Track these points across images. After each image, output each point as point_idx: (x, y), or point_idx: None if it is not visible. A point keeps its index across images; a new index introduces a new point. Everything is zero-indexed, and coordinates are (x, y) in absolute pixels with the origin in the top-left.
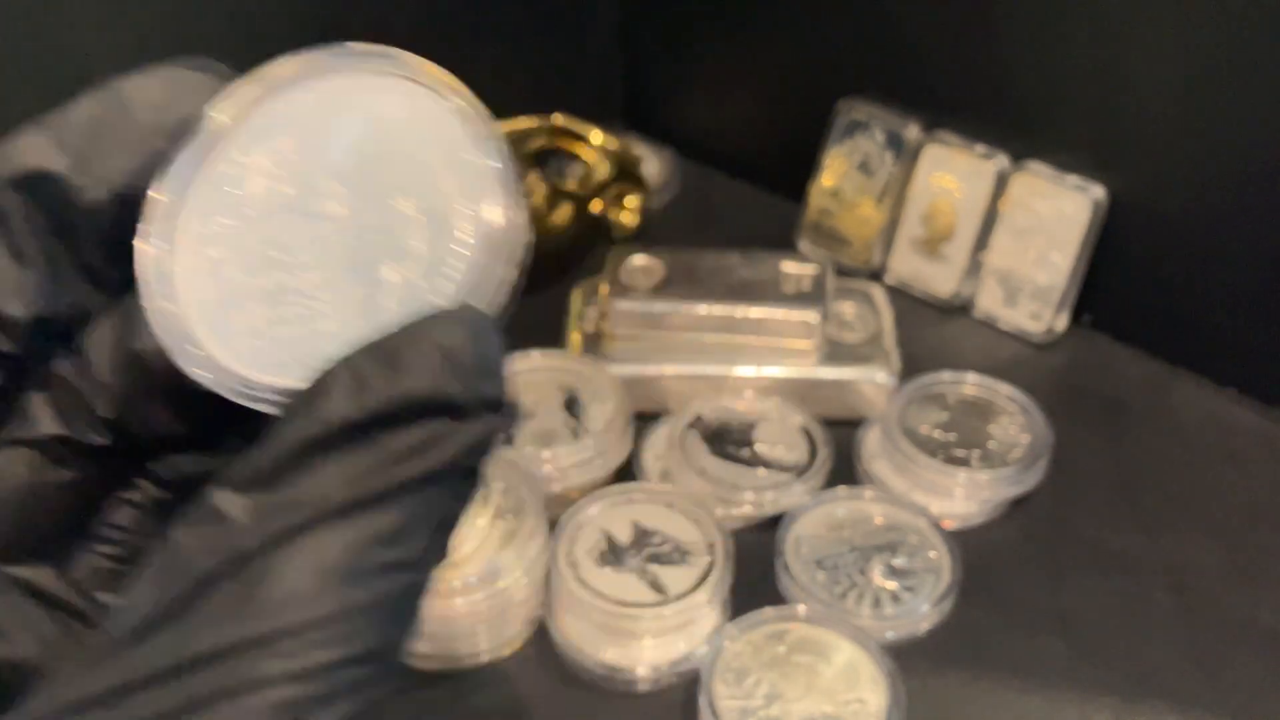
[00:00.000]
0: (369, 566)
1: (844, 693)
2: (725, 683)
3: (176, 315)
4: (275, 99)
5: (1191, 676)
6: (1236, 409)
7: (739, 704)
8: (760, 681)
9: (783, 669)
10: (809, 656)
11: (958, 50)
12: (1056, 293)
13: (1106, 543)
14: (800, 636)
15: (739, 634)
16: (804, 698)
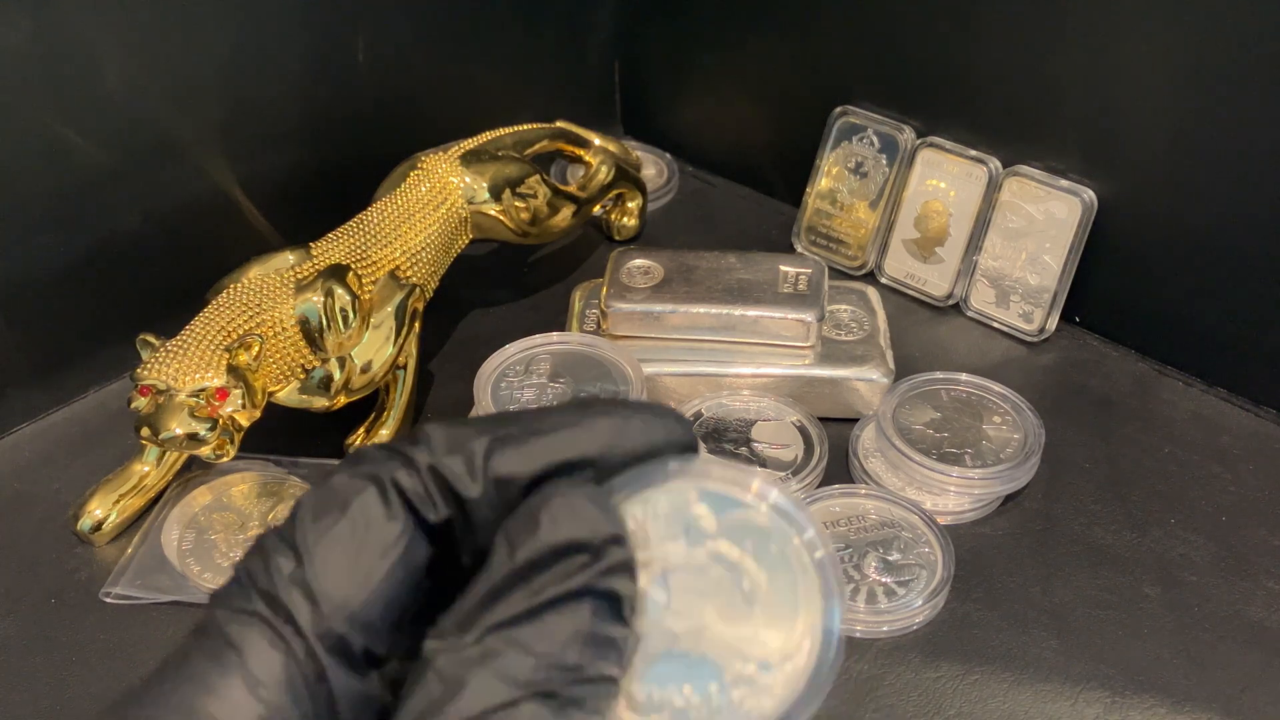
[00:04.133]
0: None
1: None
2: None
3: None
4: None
5: (1181, 670)
6: (1224, 407)
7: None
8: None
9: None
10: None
11: (951, 57)
12: (1047, 293)
13: (1097, 539)
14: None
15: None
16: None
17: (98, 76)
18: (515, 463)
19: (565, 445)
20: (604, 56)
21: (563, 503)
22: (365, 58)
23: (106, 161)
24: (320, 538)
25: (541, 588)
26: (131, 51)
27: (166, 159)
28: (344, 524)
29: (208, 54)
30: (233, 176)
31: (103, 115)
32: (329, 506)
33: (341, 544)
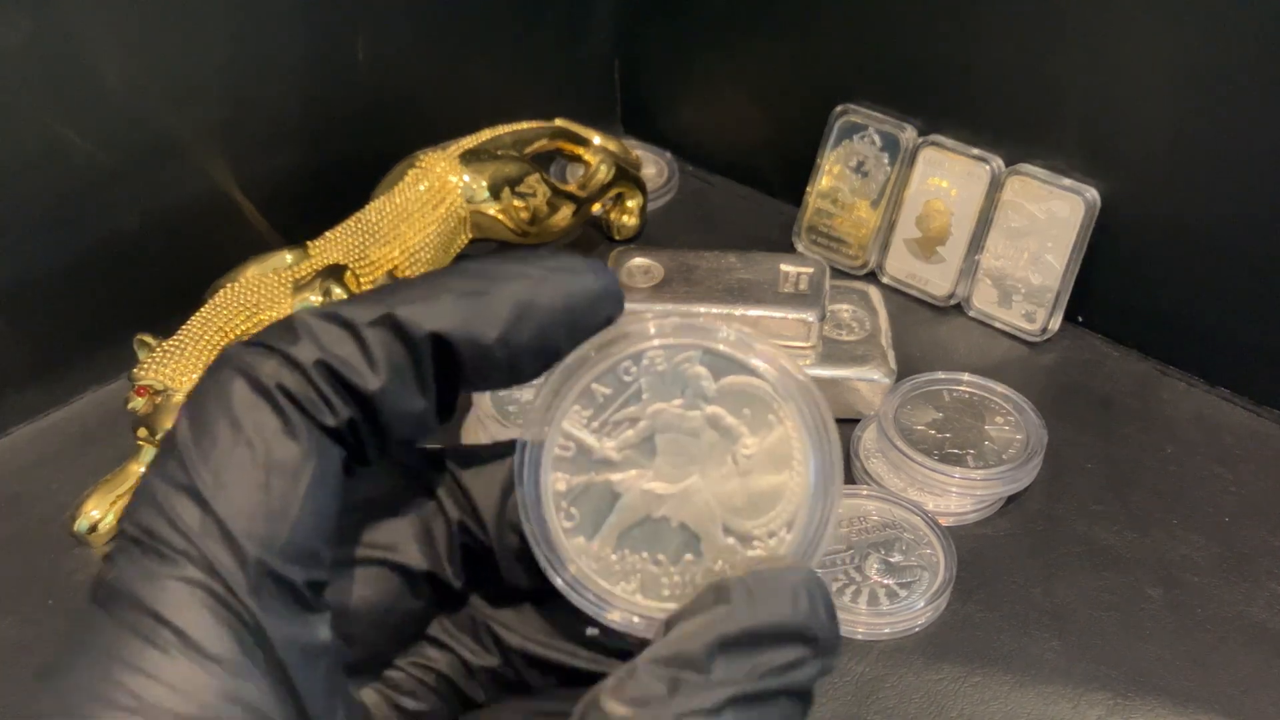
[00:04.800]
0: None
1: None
2: None
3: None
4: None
5: (1183, 671)
6: (1227, 407)
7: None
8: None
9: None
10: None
11: (953, 55)
12: (1050, 293)
13: (1099, 539)
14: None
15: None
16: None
17: (97, 76)
18: (419, 332)
19: (475, 305)
20: (604, 55)
21: (793, 581)
22: (364, 56)
23: (105, 161)
24: (219, 474)
25: (746, 677)
26: (131, 51)
27: (165, 159)
28: (241, 452)
29: (207, 53)
30: (231, 176)
31: (102, 115)
32: (213, 430)
33: (245, 476)
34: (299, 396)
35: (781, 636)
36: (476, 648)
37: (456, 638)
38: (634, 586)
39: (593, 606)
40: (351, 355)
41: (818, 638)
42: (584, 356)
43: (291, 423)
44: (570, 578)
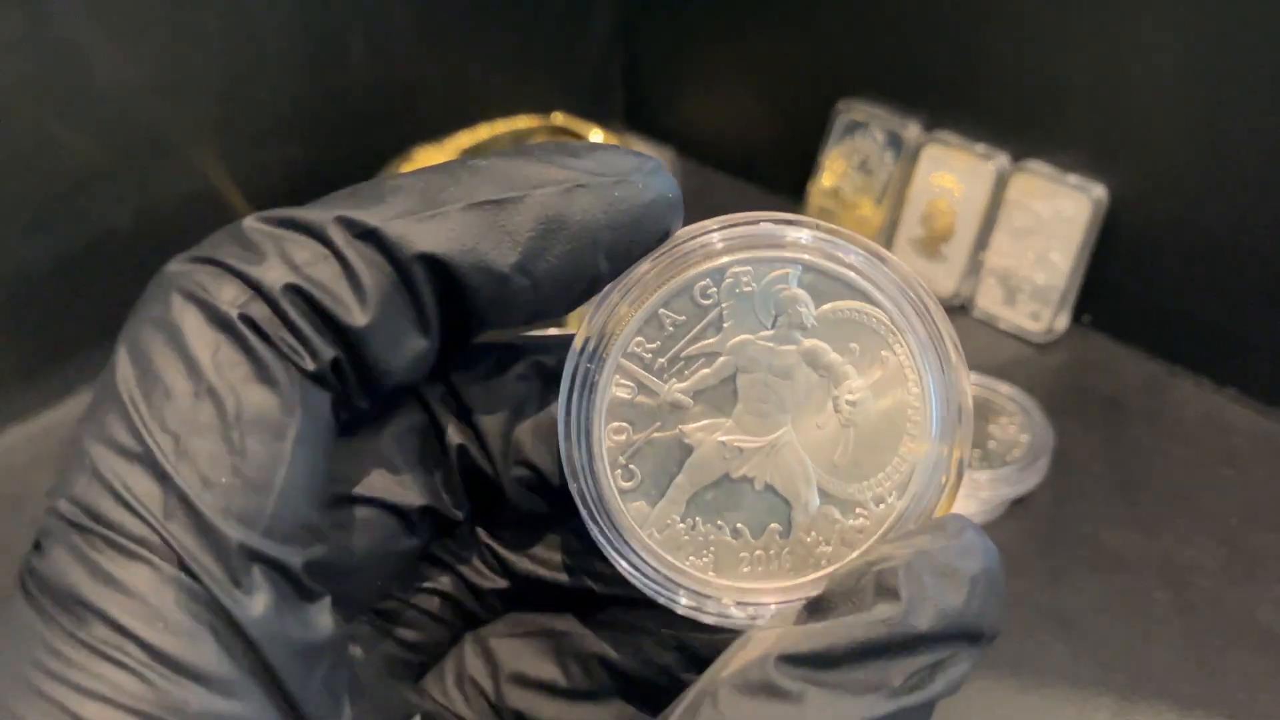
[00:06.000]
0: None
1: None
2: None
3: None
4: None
5: (1190, 675)
6: (1235, 408)
7: None
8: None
9: None
10: None
11: (957, 50)
12: (1056, 292)
13: (1105, 542)
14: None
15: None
16: None
17: (89, 74)
18: (406, 253)
19: (487, 221)
20: (605, 49)
21: (973, 570)
22: (360, 51)
23: (98, 159)
24: (180, 437)
25: (896, 690)
26: (123, 48)
27: (158, 156)
28: (204, 407)
29: (200, 50)
30: (225, 173)
31: (94, 113)
32: (164, 377)
33: (213, 437)
34: (270, 333)
35: (947, 637)
36: (483, 570)
37: (460, 557)
38: (707, 562)
39: (661, 592)
40: (332, 280)
41: (984, 633)
42: (642, 276)
43: (266, 365)
44: (633, 558)
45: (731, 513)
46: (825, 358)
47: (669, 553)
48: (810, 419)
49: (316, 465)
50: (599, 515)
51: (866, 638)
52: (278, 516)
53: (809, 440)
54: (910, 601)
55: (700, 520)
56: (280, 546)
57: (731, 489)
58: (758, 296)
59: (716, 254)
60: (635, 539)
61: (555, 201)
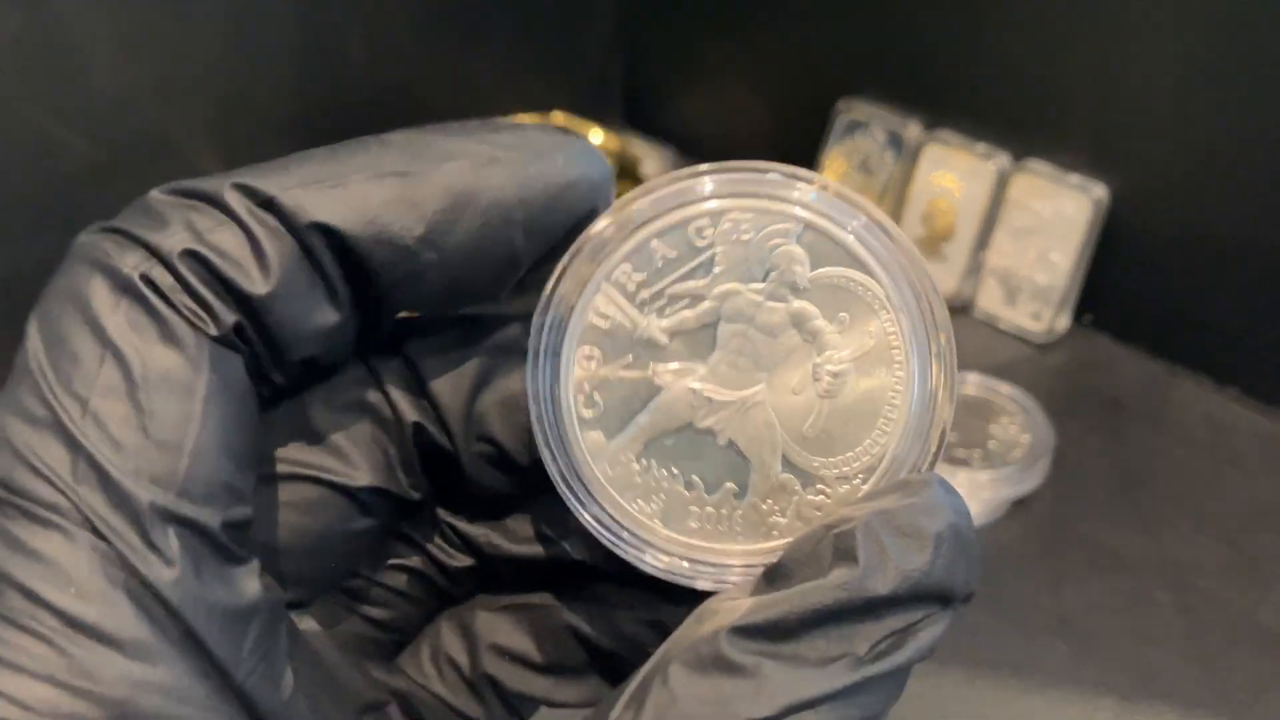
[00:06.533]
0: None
1: None
2: None
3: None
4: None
5: (1192, 676)
6: (1237, 409)
7: None
8: None
9: None
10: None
11: (958, 49)
12: (1057, 292)
13: (1107, 543)
14: None
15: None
16: None
17: (87, 72)
18: (300, 221)
19: (391, 191)
20: (605, 48)
21: (938, 527)
22: (360, 51)
23: (96, 158)
24: (87, 400)
25: (859, 660)
26: (122, 46)
27: (157, 155)
28: (110, 370)
29: (199, 48)
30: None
31: (92, 111)
32: (71, 343)
33: (119, 398)
34: (171, 297)
35: (912, 600)
36: (447, 548)
37: (425, 535)
38: (654, 509)
39: (604, 533)
40: (233, 247)
41: (954, 594)
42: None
43: (168, 325)
44: (580, 492)
45: (689, 463)
46: (813, 322)
47: (617, 490)
48: (786, 383)
49: (233, 424)
50: (553, 440)
51: (822, 604)
52: (191, 476)
53: (782, 404)
54: (868, 563)
55: (655, 464)
56: (196, 507)
57: (693, 439)
58: (753, 247)
59: (716, 197)
60: (586, 471)
61: (466, 175)
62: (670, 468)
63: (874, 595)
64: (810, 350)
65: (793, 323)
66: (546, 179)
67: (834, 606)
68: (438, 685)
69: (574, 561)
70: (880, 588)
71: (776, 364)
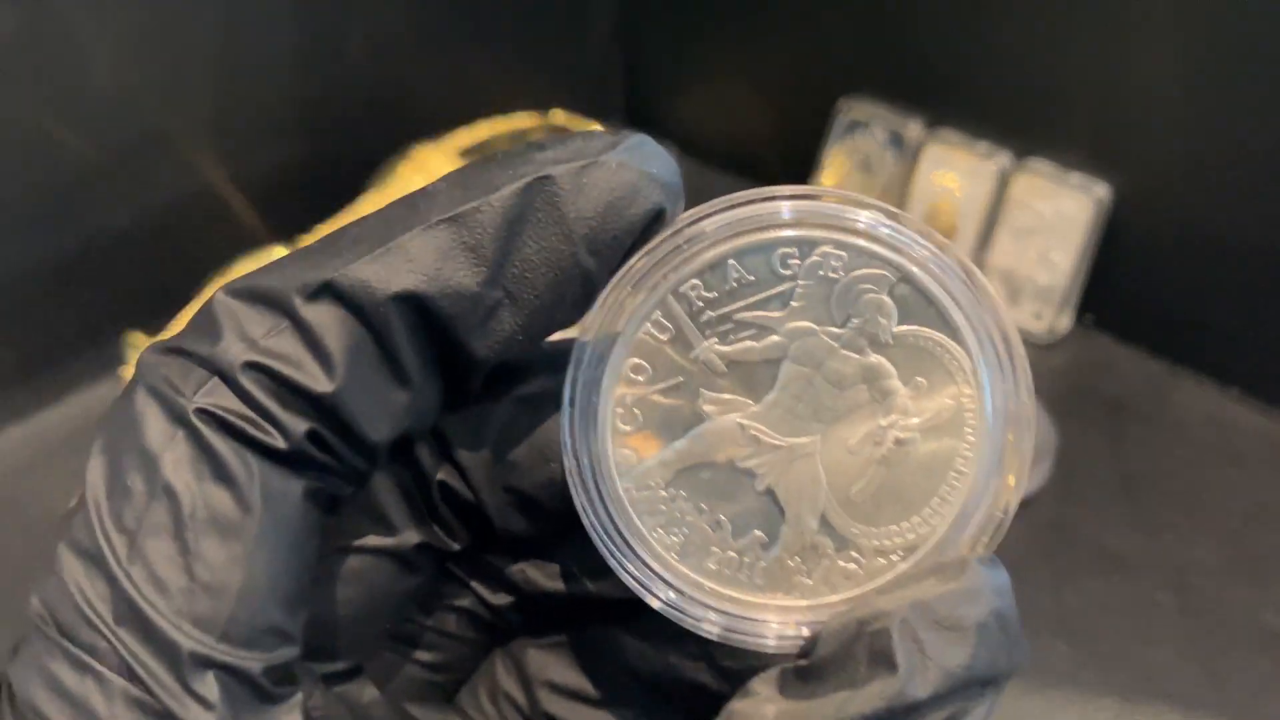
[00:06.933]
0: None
1: None
2: None
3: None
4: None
5: (1193, 677)
6: (1239, 409)
7: None
8: None
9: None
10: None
11: (959, 48)
12: (1058, 292)
13: (1108, 544)
14: None
15: None
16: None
17: (86, 70)
18: (375, 298)
19: (442, 241)
20: (605, 48)
21: (980, 615)
22: (359, 50)
23: (94, 157)
24: (134, 538)
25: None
26: (120, 44)
27: (156, 154)
28: (158, 507)
29: (198, 47)
30: (223, 171)
31: (91, 110)
32: (125, 477)
33: (166, 538)
34: (231, 419)
35: (954, 695)
36: (488, 587)
37: (468, 573)
38: (674, 542)
39: (615, 555)
40: (292, 348)
41: (1000, 678)
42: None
43: (221, 461)
44: (600, 511)
45: (720, 502)
46: (887, 381)
47: (638, 514)
48: (844, 439)
49: (284, 566)
50: (582, 450)
51: (860, 715)
52: (235, 620)
53: (833, 461)
54: (908, 670)
55: (684, 495)
56: (238, 651)
57: (730, 478)
58: (840, 288)
59: (807, 226)
60: (611, 489)
61: (515, 201)
62: (700, 503)
63: (915, 701)
64: (877, 410)
65: (864, 377)
66: (601, 186)
67: (872, 717)
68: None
69: (618, 600)
70: (921, 692)
71: (837, 418)
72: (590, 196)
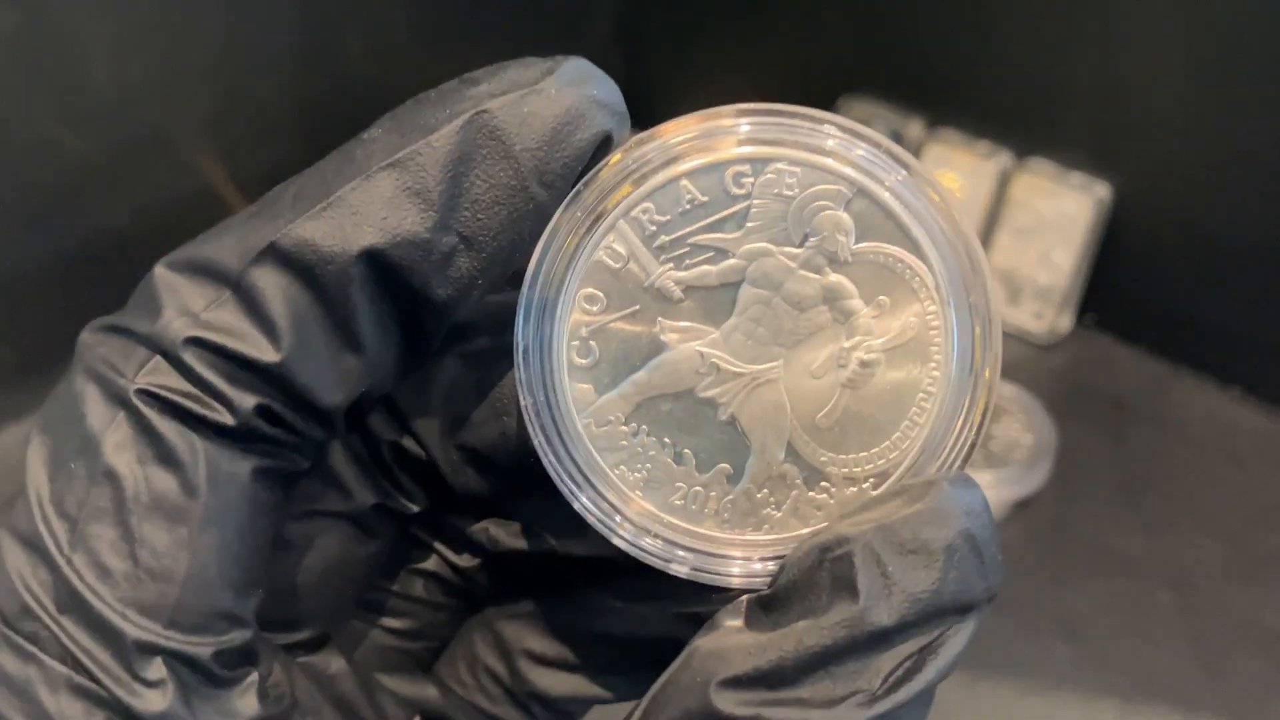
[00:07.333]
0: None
1: None
2: None
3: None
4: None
5: (1195, 678)
6: (1240, 409)
7: None
8: None
9: None
10: None
11: (959, 47)
12: (1059, 292)
13: (1109, 544)
14: None
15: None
16: None
17: (86, 70)
18: (339, 256)
19: (395, 188)
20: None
21: (949, 535)
22: (359, 50)
23: (95, 157)
24: (76, 524)
25: (871, 695)
26: (121, 44)
27: (156, 154)
28: (100, 491)
29: (198, 47)
30: (223, 172)
31: (91, 110)
32: (66, 460)
33: (109, 523)
34: (174, 399)
35: (924, 622)
36: (452, 549)
37: (431, 536)
38: (637, 478)
39: (576, 493)
40: (232, 319)
41: (974, 603)
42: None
43: (165, 443)
44: (559, 449)
45: (683, 435)
46: (847, 301)
47: (600, 452)
48: (807, 364)
49: (233, 549)
50: (537, 387)
51: (821, 645)
52: (182, 607)
53: (797, 387)
54: (869, 593)
55: (646, 430)
56: (187, 638)
57: (692, 409)
58: (796, 206)
59: (759, 142)
60: (569, 425)
61: (456, 139)
62: (662, 436)
63: (878, 628)
64: (839, 332)
65: (825, 298)
66: (543, 114)
67: (836, 646)
68: (479, 697)
69: (585, 557)
70: (885, 619)
71: (799, 341)
72: (534, 127)
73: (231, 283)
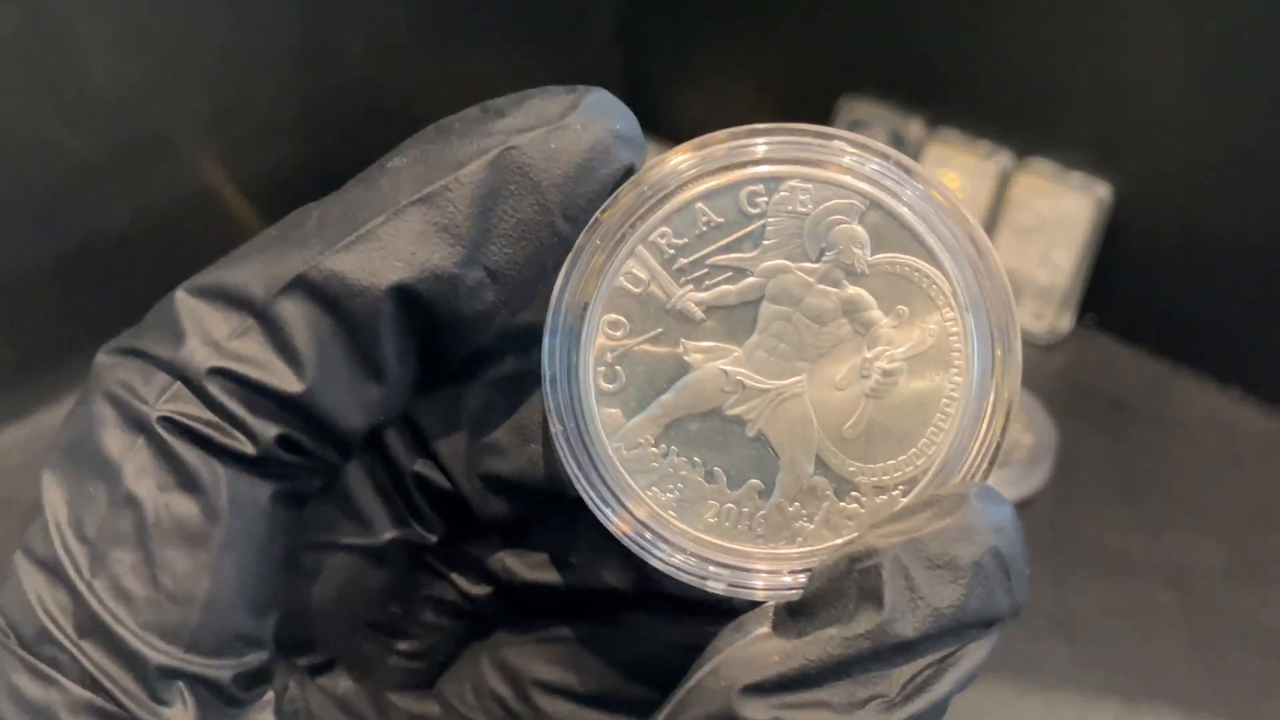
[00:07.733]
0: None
1: None
2: None
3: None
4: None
5: (1195, 678)
6: (1240, 409)
7: None
8: None
9: None
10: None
11: (960, 47)
12: (1059, 292)
13: (1109, 543)
14: None
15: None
16: None
17: (86, 70)
18: (355, 290)
19: (423, 223)
20: (606, 46)
21: (976, 553)
22: (359, 50)
23: (94, 157)
24: (96, 549)
25: (927, 677)
26: (121, 43)
27: (156, 154)
28: (121, 516)
29: (198, 47)
30: (223, 172)
31: (91, 109)
32: (85, 484)
33: (130, 548)
34: (196, 427)
35: (946, 635)
36: (467, 578)
37: (446, 564)
38: (669, 499)
39: (610, 517)
40: (257, 349)
41: (998, 618)
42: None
43: (186, 469)
44: (591, 475)
45: (712, 453)
46: (867, 312)
47: (631, 475)
48: (830, 376)
49: (252, 573)
50: (566, 414)
51: (844, 654)
52: (203, 630)
53: (822, 400)
54: (894, 605)
55: (676, 450)
56: (207, 661)
57: (720, 427)
58: (810, 222)
59: (771, 161)
60: (600, 450)
61: (484, 176)
62: (692, 455)
63: (900, 640)
64: (861, 343)
65: (844, 311)
66: (570, 150)
67: (858, 655)
68: (482, 718)
69: (594, 588)
70: (909, 632)
71: (821, 354)
72: (560, 163)
73: (256, 312)
